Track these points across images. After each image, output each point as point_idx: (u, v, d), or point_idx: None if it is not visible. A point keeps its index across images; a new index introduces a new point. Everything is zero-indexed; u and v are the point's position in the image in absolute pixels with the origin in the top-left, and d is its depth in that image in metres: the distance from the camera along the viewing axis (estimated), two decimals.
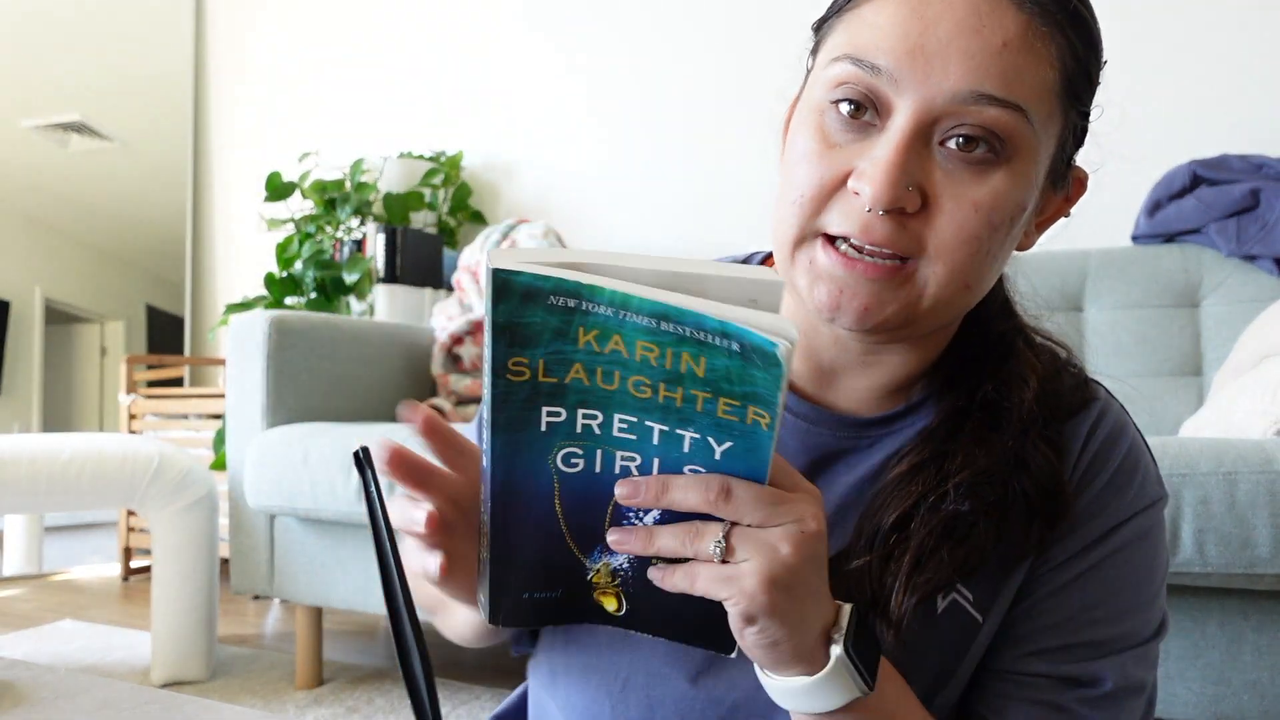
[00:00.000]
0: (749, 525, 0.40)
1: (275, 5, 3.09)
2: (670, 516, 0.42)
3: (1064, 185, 0.54)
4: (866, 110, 0.48)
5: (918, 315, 0.50)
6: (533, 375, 0.39)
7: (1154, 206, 1.77)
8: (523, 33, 2.63)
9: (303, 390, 1.72)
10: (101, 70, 3.28)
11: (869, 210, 0.47)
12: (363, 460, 0.38)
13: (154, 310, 3.39)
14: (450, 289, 2.37)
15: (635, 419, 0.41)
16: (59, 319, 3.35)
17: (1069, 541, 0.54)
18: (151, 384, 2.79)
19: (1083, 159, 0.57)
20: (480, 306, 2.05)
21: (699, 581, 0.41)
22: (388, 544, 0.40)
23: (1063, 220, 0.58)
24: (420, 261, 2.33)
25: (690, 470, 0.41)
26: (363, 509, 0.41)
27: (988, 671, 0.56)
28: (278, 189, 2.54)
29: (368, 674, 1.75)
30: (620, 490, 0.41)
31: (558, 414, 0.41)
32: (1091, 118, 0.54)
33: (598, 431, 0.41)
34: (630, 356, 0.39)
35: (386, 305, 2.26)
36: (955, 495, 0.51)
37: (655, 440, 0.41)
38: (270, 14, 3.10)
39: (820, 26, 0.54)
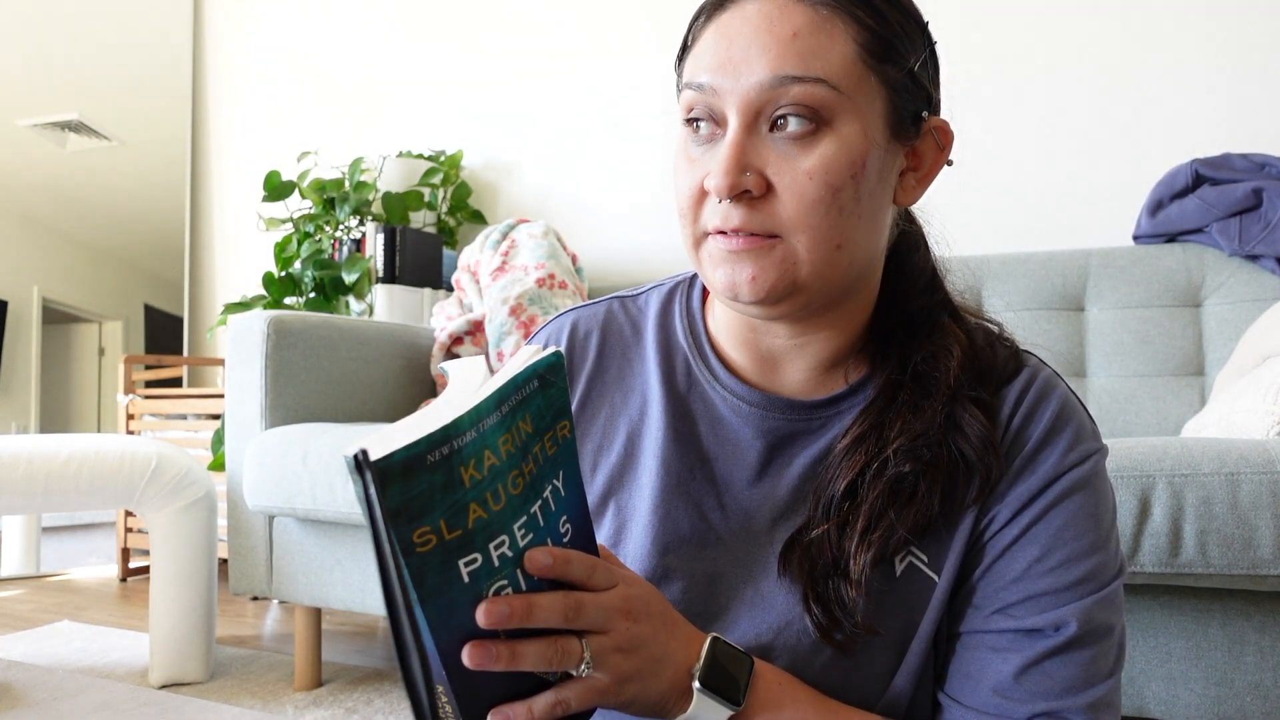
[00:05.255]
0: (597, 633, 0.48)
1: (274, 4, 3.08)
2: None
3: (915, 136, 0.58)
4: (711, 125, 0.56)
5: (802, 281, 0.55)
6: (439, 538, 0.40)
7: (1156, 206, 1.77)
8: (523, 32, 2.63)
9: (302, 390, 1.71)
10: (100, 69, 3.28)
11: (720, 201, 0.54)
12: (361, 462, 0.37)
13: (152, 310, 3.38)
14: (449, 289, 2.36)
15: (525, 517, 0.44)
16: (57, 319, 3.35)
17: (1010, 499, 0.58)
18: (150, 384, 2.79)
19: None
20: (480, 306, 2.04)
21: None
22: (386, 545, 0.40)
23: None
24: (419, 261, 2.32)
25: (563, 522, 0.48)
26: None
27: (959, 637, 0.59)
28: (276, 188, 2.53)
29: (367, 675, 1.75)
30: (488, 618, 0.43)
31: (474, 560, 0.42)
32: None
33: (509, 554, 0.44)
34: (500, 460, 0.42)
35: (385, 305, 2.26)
36: (896, 459, 0.57)
37: (541, 522, 0.45)
38: (269, 12, 3.09)
39: (677, 73, 0.62)
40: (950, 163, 0.62)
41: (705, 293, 0.70)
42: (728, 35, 0.54)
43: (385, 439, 0.38)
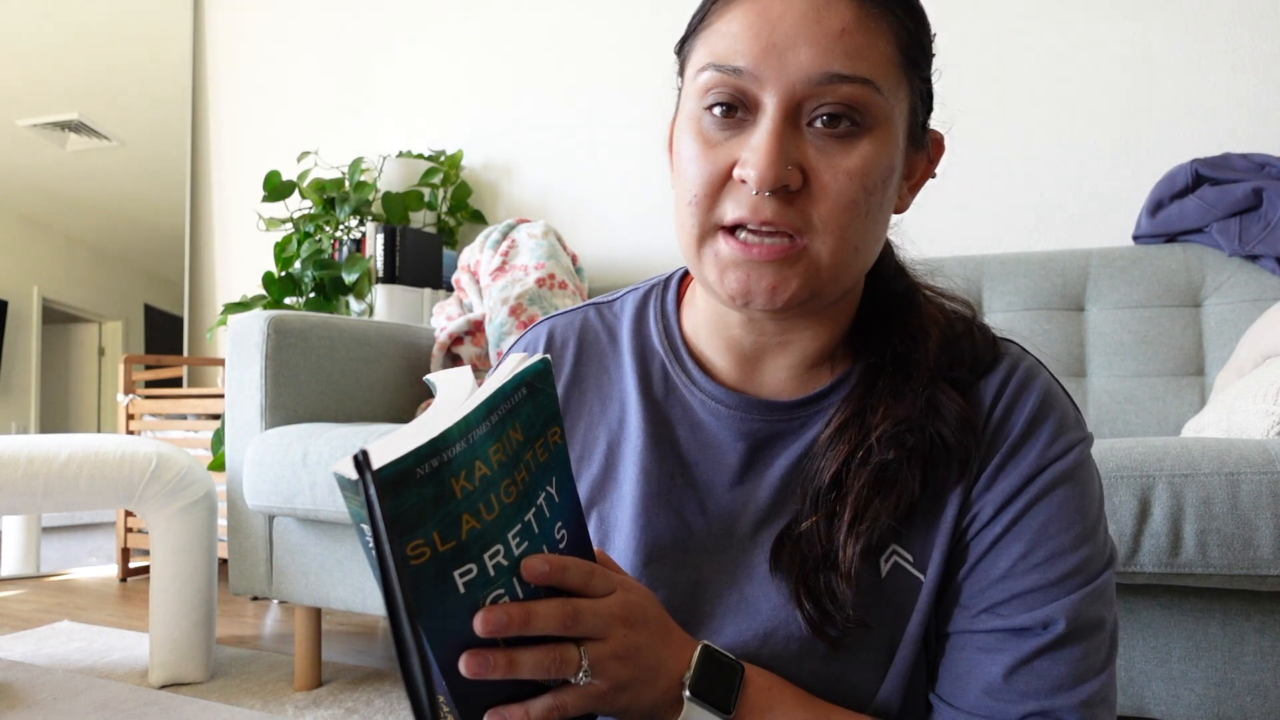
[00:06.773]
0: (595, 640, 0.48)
1: (274, 3, 3.08)
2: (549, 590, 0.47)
3: (924, 147, 0.59)
4: (737, 109, 0.53)
5: (821, 285, 0.54)
6: (433, 550, 0.40)
7: (1156, 206, 1.77)
8: (523, 33, 2.63)
9: (301, 390, 1.71)
10: (100, 69, 3.28)
11: (756, 193, 0.51)
12: (362, 464, 0.37)
13: (152, 310, 3.39)
14: (449, 289, 2.36)
15: (519, 525, 0.44)
16: (57, 319, 3.35)
17: (993, 495, 0.57)
18: (150, 384, 2.79)
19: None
20: (480, 306, 2.04)
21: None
22: (386, 545, 0.40)
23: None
24: (419, 261, 2.32)
25: (558, 528, 0.47)
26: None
27: (946, 637, 0.58)
28: (276, 188, 2.53)
29: (367, 675, 1.75)
30: (486, 626, 0.43)
31: (469, 570, 0.42)
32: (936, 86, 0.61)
33: (505, 563, 0.44)
34: (492, 470, 0.42)
35: (385, 305, 2.26)
36: (880, 447, 0.56)
37: (536, 529, 0.45)
38: (269, 12, 3.09)
39: (681, 48, 0.60)
40: (935, 175, 0.61)
41: (680, 294, 0.68)
42: (769, 20, 0.51)
43: (375, 453, 0.38)
